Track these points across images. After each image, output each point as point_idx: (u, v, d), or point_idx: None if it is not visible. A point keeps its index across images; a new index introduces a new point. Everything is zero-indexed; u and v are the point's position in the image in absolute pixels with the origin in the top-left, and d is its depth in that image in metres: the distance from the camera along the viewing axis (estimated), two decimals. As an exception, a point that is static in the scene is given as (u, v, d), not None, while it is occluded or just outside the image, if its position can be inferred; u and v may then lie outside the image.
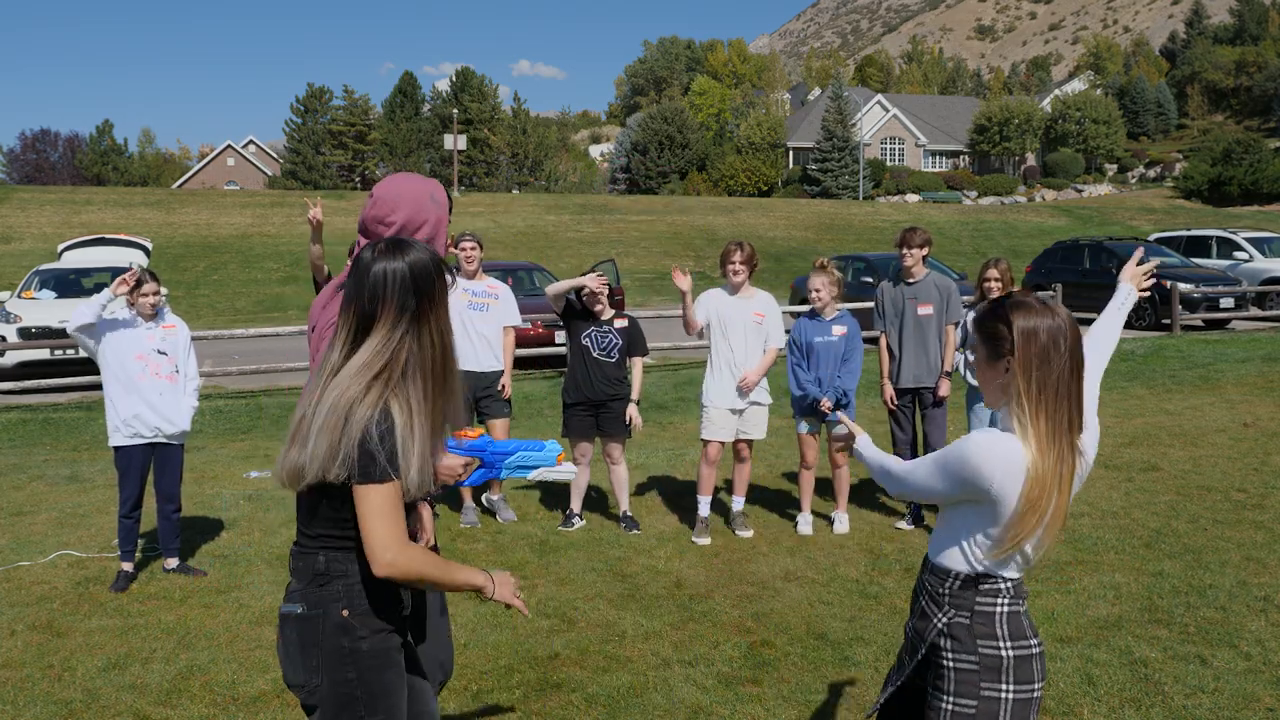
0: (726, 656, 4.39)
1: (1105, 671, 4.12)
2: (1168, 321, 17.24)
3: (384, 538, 2.06)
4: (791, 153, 67.39)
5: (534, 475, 2.77)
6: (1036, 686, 2.28)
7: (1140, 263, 2.83)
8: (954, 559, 2.31)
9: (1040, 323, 2.19)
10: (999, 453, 2.18)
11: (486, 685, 4.14)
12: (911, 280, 6.29)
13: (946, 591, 2.32)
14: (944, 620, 2.32)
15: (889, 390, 6.31)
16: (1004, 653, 2.26)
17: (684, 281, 5.90)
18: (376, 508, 2.06)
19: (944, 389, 6.18)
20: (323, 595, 2.14)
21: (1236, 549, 5.67)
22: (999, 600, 2.29)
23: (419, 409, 2.11)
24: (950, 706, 2.28)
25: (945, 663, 2.30)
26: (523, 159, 65.10)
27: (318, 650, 2.13)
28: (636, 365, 6.47)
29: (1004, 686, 2.25)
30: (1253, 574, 5.26)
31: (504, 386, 6.57)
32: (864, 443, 2.76)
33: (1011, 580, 2.30)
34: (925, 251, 6.24)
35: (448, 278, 2.23)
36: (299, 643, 2.15)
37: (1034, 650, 2.28)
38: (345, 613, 2.14)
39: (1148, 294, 2.95)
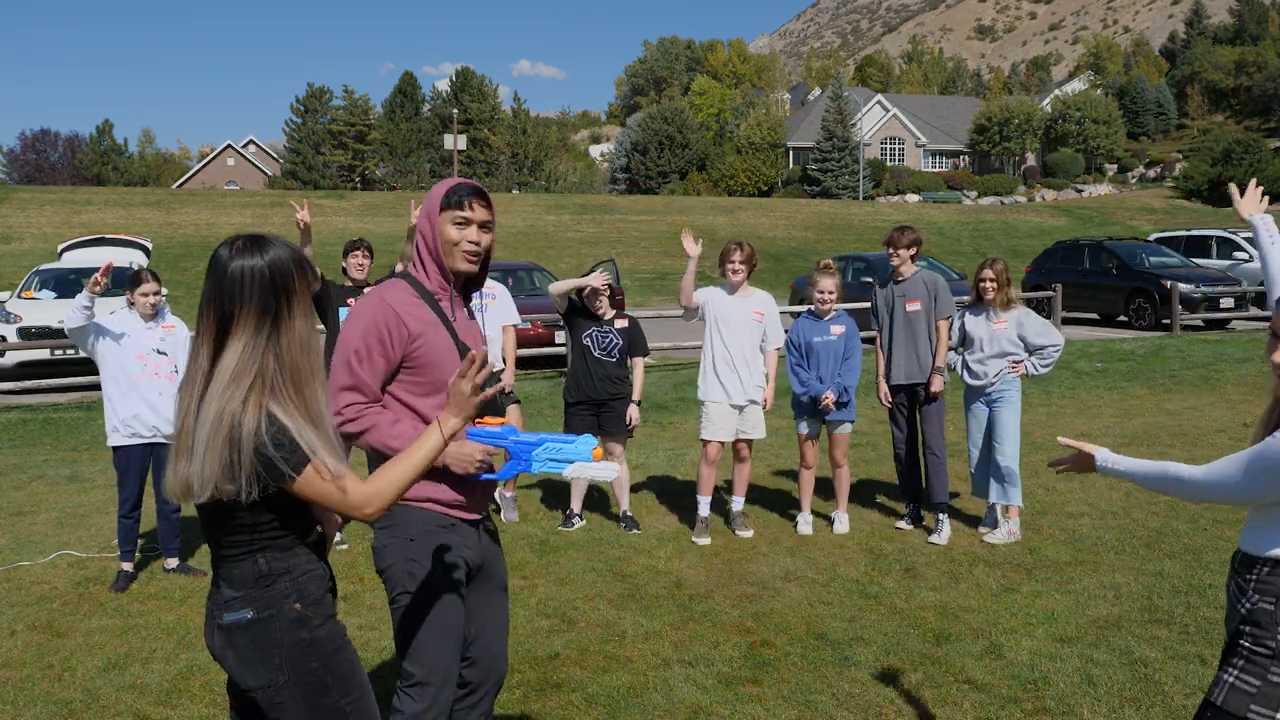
0: (726, 656, 4.39)
1: (1105, 671, 4.12)
2: (1168, 321, 17.25)
3: (345, 505, 2.09)
4: (791, 153, 67.38)
5: (569, 472, 2.50)
6: None
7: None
8: (1266, 545, 2.20)
9: None
10: None
11: (486, 685, 4.14)
12: (901, 279, 6.33)
13: (1254, 577, 2.22)
14: (1247, 606, 2.21)
15: (883, 388, 6.32)
16: None
17: (693, 248, 5.93)
18: (315, 491, 2.08)
19: (936, 385, 6.17)
20: (271, 595, 2.14)
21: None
22: None
23: (297, 408, 2.10)
24: (1232, 680, 2.19)
25: (1243, 645, 2.21)
26: (523, 159, 65.06)
27: (278, 649, 2.14)
28: (638, 365, 6.48)
29: None
30: (1253, 574, 5.27)
31: (502, 384, 6.54)
32: (1106, 457, 2.53)
33: None
34: (913, 251, 6.28)
35: (309, 275, 2.19)
36: (255, 646, 2.14)
37: None
38: (298, 606, 2.16)
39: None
